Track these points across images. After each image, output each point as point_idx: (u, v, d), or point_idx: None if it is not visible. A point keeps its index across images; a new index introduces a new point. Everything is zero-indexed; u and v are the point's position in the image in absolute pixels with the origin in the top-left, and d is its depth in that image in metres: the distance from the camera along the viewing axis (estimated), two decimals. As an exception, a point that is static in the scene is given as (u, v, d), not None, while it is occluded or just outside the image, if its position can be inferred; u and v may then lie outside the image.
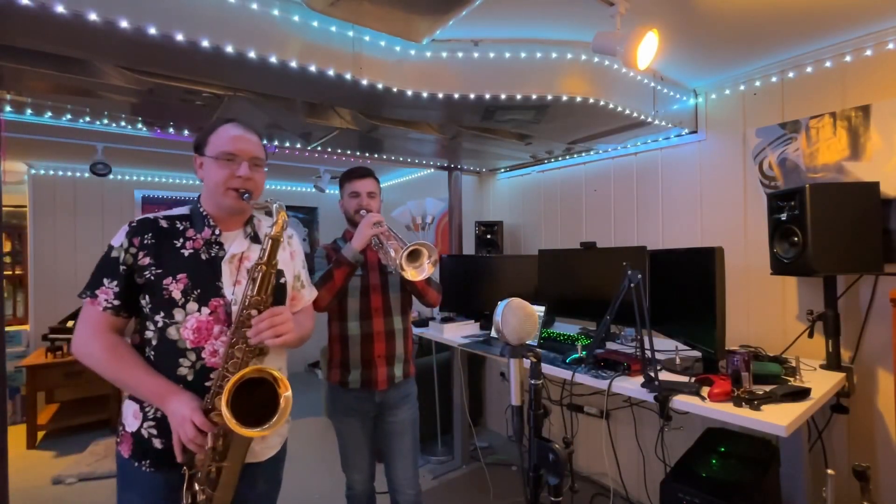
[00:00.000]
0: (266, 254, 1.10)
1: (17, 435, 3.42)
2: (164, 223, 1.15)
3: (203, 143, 1.18)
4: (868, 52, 1.81)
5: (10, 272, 4.48)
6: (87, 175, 3.88)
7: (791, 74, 2.03)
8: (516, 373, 1.06)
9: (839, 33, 1.81)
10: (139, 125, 2.20)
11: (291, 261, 1.31)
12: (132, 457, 1.10)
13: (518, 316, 1.06)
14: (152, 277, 1.08)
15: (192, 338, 1.09)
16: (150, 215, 1.16)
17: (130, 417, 1.12)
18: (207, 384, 1.08)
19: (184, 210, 1.21)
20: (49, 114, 2.00)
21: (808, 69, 1.97)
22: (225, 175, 1.14)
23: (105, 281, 1.09)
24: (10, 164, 3.78)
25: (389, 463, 1.82)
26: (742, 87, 2.20)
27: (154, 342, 1.10)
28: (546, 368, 1.79)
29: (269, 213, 1.15)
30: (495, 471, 2.95)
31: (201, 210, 1.19)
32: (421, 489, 1.85)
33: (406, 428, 1.82)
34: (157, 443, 1.09)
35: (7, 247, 4.54)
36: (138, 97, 1.78)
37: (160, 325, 1.08)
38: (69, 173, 4.02)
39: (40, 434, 3.51)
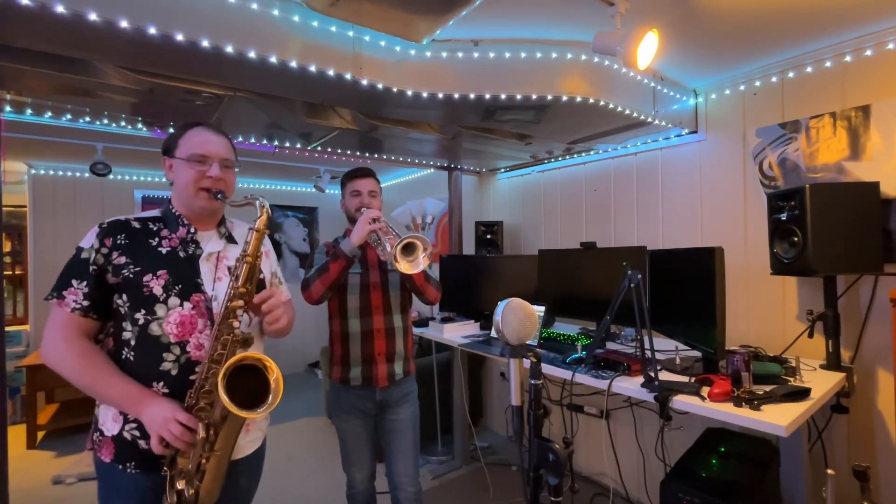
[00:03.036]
0: (251, 246, 1.13)
1: (17, 435, 3.42)
2: (136, 224, 1.17)
3: (173, 146, 1.20)
4: (868, 52, 1.81)
5: (10, 272, 4.48)
6: (87, 175, 3.88)
7: (791, 74, 2.03)
8: (516, 373, 1.06)
9: (839, 33, 1.81)
10: (139, 125, 2.20)
11: (266, 259, 1.34)
12: (115, 460, 1.09)
13: (518, 316, 1.06)
14: (130, 275, 1.09)
15: (176, 332, 1.10)
16: (122, 217, 1.17)
17: (110, 422, 1.11)
18: (192, 378, 1.09)
19: (155, 212, 1.23)
20: (49, 114, 2.00)
21: (808, 69, 1.97)
22: (195, 175, 1.17)
23: (74, 282, 1.09)
24: (10, 164, 3.78)
25: (390, 461, 1.82)
26: (742, 87, 2.20)
27: (133, 341, 1.09)
28: (546, 368, 1.79)
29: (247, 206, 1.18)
30: (495, 471, 2.95)
31: (174, 211, 1.22)
32: (421, 487, 1.85)
33: (407, 426, 1.82)
34: (142, 444, 1.08)
35: (7, 247, 4.55)
36: (138, 97, 1.78)
37: (141, 322, 1.09)
38: (69, 173, 4.02)
39: (40, 434, 3.51)
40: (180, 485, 1.04)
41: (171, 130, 1.30)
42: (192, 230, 1.20)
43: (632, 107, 2.05)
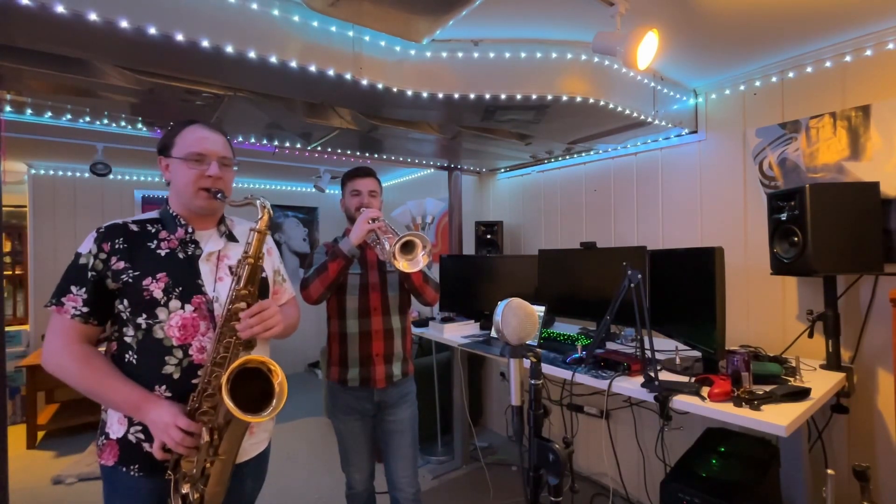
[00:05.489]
0: (252, 247, 1.11)
1: (17, 435, 3.42)
2: (134, 227, 1.15)
3: (169, 144, 1.18)
4: (868, 52, 1.81)
5: (10, 272, 4.49)
6: (87, 175, 3.89)
7: (791, 74, 2.03)
8: (516, 373, 1.06)
9: (839, 33, 1.81)
10: (139, 125, 2.20)
11: (269, 256, 1.32)
12: (119, 463, 1.09)
13: (518, 316, 1.06)
14: (130, 280, 1.08)
15: (179, 335, 1.09)
16: (119, 221, 1.15)
17: (115, 424, 1.10)
18: (194, 381, 1.08)
19: (153, 214, 1.21)
20: (49, 114, 2.00)
21: (808, 69, 1.97)
22: (194, 175, 1.15)
23: (73, 289, 1.07)
24: (10, 164, 3.78)
25: (389, 462, 1.82)
26: (742, 87, 2.20)
27: (136, 345, 1.09)
28: (546, 368, 1.79)
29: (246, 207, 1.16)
30: (495, 471, 2.95)
31: (171, 212, 1.20)
32: (420, 488, 1.85)
33: (405, 427, 1.82)
34: (146, 447, 1.08)
35: (7, 247, 4.55)
36: (138, 97, 1.78)
37: (144, 326, 1.08)
38: (69, 173, 4.02)
39: (40, 434, 3.51)
40: (185, 489, 1.03)
41: (168, 129, 1.24)
42: (191, 230, 1.19)
43: (632, 107, 2.04)
